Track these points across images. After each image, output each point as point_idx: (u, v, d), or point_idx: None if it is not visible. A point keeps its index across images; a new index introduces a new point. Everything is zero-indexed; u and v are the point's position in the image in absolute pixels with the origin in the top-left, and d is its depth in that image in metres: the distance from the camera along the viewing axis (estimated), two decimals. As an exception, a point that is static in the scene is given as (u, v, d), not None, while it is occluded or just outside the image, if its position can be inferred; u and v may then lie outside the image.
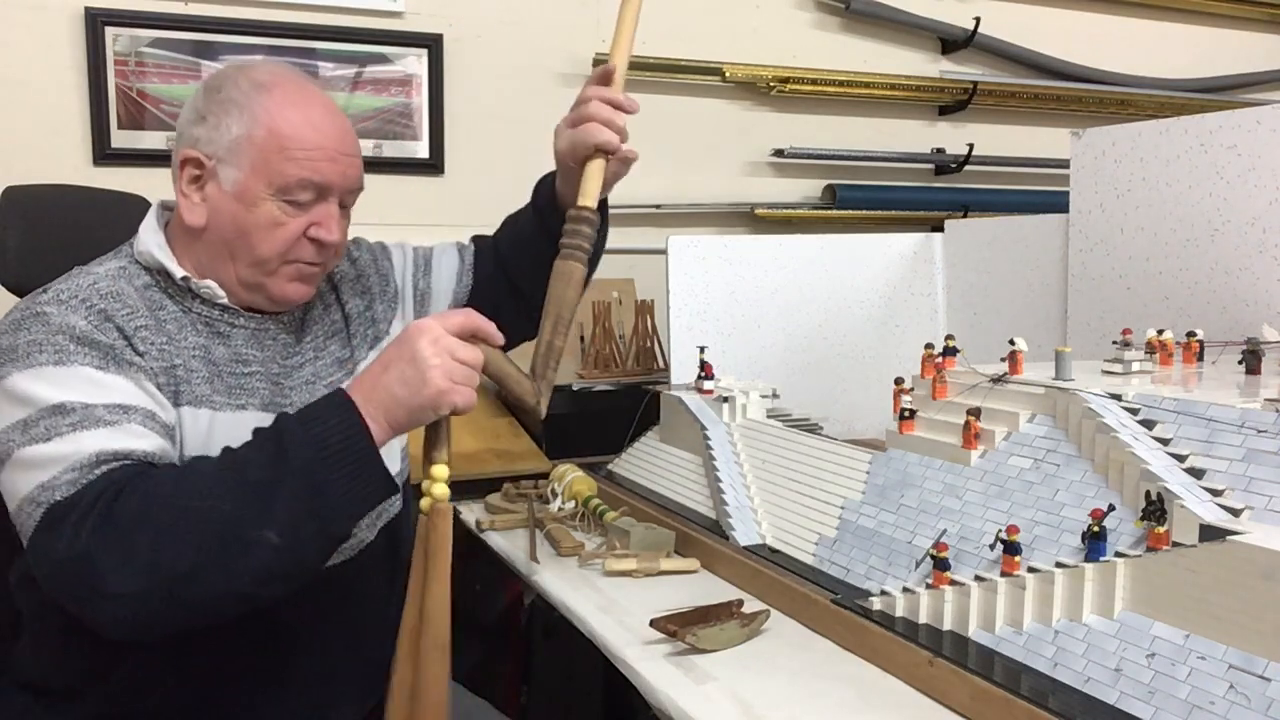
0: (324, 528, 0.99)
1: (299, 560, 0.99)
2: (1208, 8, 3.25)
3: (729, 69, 2.62)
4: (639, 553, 1.45)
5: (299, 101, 1.16)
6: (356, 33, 2.33)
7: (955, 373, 1.32)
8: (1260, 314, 1.51)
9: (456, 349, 1.01)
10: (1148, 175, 1.69)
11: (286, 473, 0.96)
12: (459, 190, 2.47)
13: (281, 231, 1.15)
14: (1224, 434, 1.00)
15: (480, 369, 1.03)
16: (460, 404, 1.01)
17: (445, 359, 1.00)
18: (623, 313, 2.28)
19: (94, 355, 1.06)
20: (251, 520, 0.95)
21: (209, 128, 1.15)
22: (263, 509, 0.95)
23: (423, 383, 0.99)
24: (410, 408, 1.00)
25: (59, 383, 1.03)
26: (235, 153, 1.14)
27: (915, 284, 2.16)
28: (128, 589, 0.93)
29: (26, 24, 2.10)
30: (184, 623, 1.00)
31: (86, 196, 1.60)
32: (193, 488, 0.97)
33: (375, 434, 1.00)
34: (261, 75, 1.17)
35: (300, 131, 1.14)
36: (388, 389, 1.00)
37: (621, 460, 1.88)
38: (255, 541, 0.95)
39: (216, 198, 1.16)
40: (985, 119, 3.01)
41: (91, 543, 0.94)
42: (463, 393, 1.01)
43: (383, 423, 1.00)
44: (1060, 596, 0.99)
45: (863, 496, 1.33)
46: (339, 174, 1.17)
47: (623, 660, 1.16)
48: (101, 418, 1.02)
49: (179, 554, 0.94)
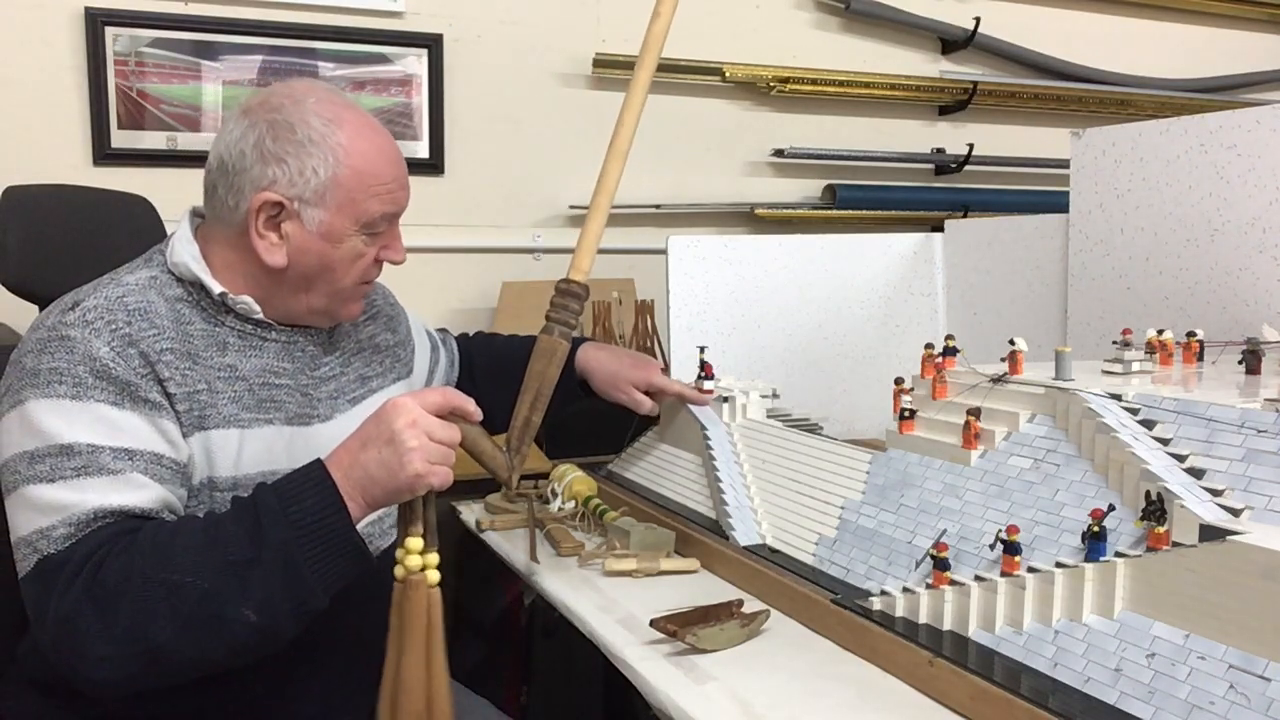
0: (300, 605, 1.00)
1: (275, 633, 1.01)
2: (1208, 8, 3.25)
3: (729, 69, 2.63)
4: (639, 553, 1.45)
5: (368, 134, 1.18)
6: (356, 33, 2.33)
7: (955, 373, 1.32)
8: (1260, 314, 1.51)
9: (435, 429, 1.02)
10: (1148, 175, 1.69)
11: (265, 553, 0.98)
12: (459, 190, 2.47)
13: (362, 262, 1.20)
14: (1224, 434, 1.00)
15: (455, 446, 1.05)
16: (437, 484, 1.02)
17: (423, 440, 1.01)
18: (623, 313, 2.28)
19: (111, 391, 1.06)
20: (230, 598, 0.97)
21: (293, 171, 1.14)
22: (241, 588, 0.97)
23: (400, 466, 1.00)
24: (387, 489, 1.02)
25: (71, 419, 1.04)
26: (322, 195, 1.15)
27: (915, 284, 2.16)
28: (107, 654, 0.96)
29: (26, 24, 2.10)
30: (160, 683, 1.02)
31: (86, 196, 1.60)
32: (175, 561, 0.99)
33: (353, 511, 1.01)
34: (327, 110, 1.16)
35: (378, 167, 1.17)
36: (365, 469, 1.01)
37: (621, 460, 1.88)
38: (234, 619, 0.97)
39: (299, 237, 1.15)
40: (985, 119, 3.01)
41: (75, 608, 0.97)
42: (439, 473, 1.02)
43: (360, 501, 1.02)
44: (1060, 596, 0.99)
45: (863, 496, 1.33)
46: (408, 198, 1.22)
47: (623, 660, 1.16)
48: (106, 465, 1.04)
49: (158, 626, 0.96)
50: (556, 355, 1.17)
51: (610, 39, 2.55)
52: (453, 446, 1.04)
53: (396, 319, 1.46)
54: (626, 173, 2.55)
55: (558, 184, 2.53)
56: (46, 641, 1.00)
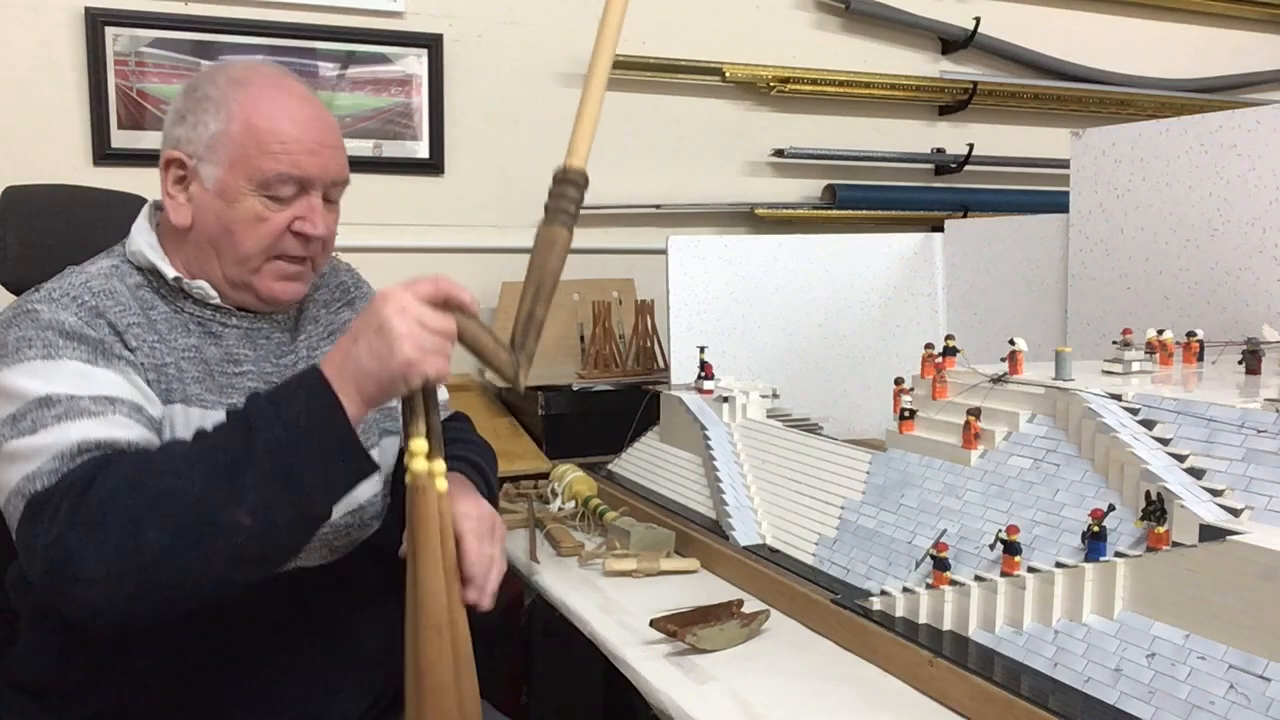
0: (300, 511, 0.96)
1: (275, 543, 0.97)
2: (1208, 8, 3.25)
3: (729, 69, 2.62)
4: (639, 553, 1.45)
5: (275, 95, 1.16)
6: (357, 33, 2.33)
7: (955, 373, 1.32)
8: (1260, 314, 1.51)
9: (426, 317, 0.97)
10: (1148, 175, 1.69)
11: (257, 454, 0.94)
12: (459, 190, 2.47)
13: (264, 227, 1.15)
14: (1224, 434, 1.00)
15: (453, 338, 0.99)
16: (432, 374, 0.97)
17: (413, 327, 0.96)
18: (623, 313, 2.28)
19: (83, 349, 1.07)
20: (222, 502, 0.93)
21: (188, 127, 1.16)
22: (233, 491, 0.93)
23: (390, 353, 0.95)
24: (380, 380, 0.96)
25: (46, 376, 1.04)
26: (214, 150, 1.14)
27: (915, 284, 2.16)
28: (100, 573, 0.92)
29: (26, 24, 2.10)
30: (162, 608, 0.98)
31: (86, 196, 1.60)
32: (164, 469, 0.96)
33: (349, 409, 0.96)
34: (238, 72, 1.18)
35: (277, 125, 1.14)
36: (357, 362, 0.96)
37: (621, 460, 1.88)
38: (227, 524, 0.93)
39: (200, 196, 1.16)
40: (985, 119, 3.01)
41: (65, 530, 0.93)
42: (434, 362, 0.97)
43: (356, 398, 0.97)
44: (1060, 596, 0.99)
45: (863, 496, 1.33)
46: (319, 166, 1.16)
47: (623, 660, 1.16)
48: (86, 408, 1.03)
49: (150, 536, 0.92)
50: (557, 245, 1.10)
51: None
52: (448, 337, 0.99)
53: None
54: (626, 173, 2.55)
55: (558, 184, 2.53)
56: (39, 574, 0.96)
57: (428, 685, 0.98)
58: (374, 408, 0.99)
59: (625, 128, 2.59)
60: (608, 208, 2.54)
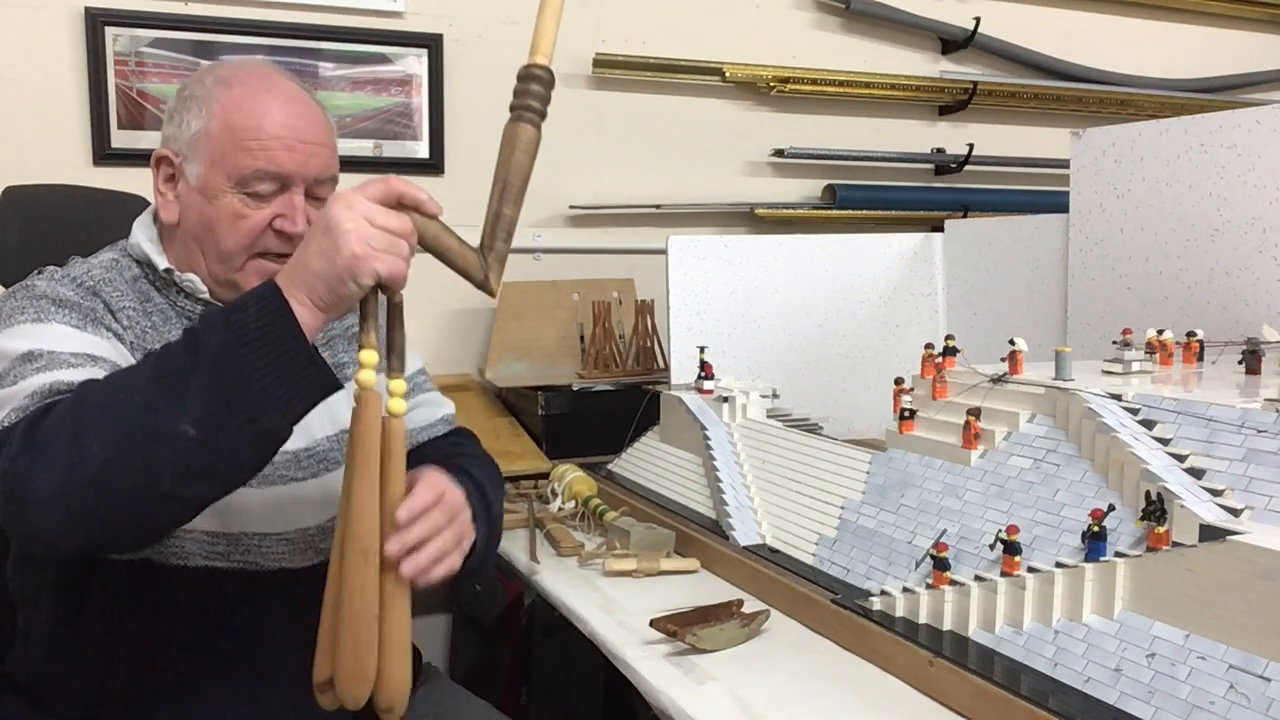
0: (250, 422, 0.91)
1: (224, 457, 0.92)
2: (1208, 8, 3.25)
3: (729, 69, 2.62)
4: (639, 553, 1.45)
5: (257, 93, 1.16)
6: (356, 33, 2.33)
7: (955, 373, 1.32)
8: (1260, 314, 1.51)
9: (375, 214, 0.93)
10: (1148, 175, 1.69)
11: (201, 362, 0.90)
12: (459, 190, 2.47)
13: (244, 224, 1.15)
14: (1224, 434, 1.00)
15: (408, 237, 0.95)
16: (383, 271, 0.92)
17: (360, 223, 0.92)
18: (623, 313, 2.28)
19: (73, 316, 1.09)
20: (165, 411, 0.89)
21: (175, 126, 1.18)
22: (176, 400, 0.89)
23: (336, 250, 0.91)
24: (328, 280, 0.92)
25: (33, 336, 1.06)
26: (196, 148, 1.16)
27: (915, 284, 2.16)
28: (49, 493, 0.89)
29: (26, 24, 2.10)
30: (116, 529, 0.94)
31: (86, 196, 1.60)
32: (110, 385, 0.94)
33: (302, 317, 0.92)
34: (225, 72, 1.19)
35: (254, 122, 1.15)
36: (306, 265, 0.93)
37: (621, 460, 1.88)
38: (171, 434, 0.89)
39: (185, 194, 1.18)
40: (985, 119, 3.00)
41: (18, 455, 0.92)
42: (385, 260, 0.92)
43: (308, 303, 0.93)
44: (1060, 596, 0.99)
45: (863, 496, 1.33)
46: (297, 163, 1.16)
47: (623, 660, 1.16)
48: (66, 361, 1.03)
49: (94, 450, 0.89)
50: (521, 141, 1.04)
51: (610, 39, 2.54)
52: (400, 235, 0.94)
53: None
54: (626, 173, 2.55)
55: (558, 184, 2.53)
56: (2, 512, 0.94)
57: (345, 613, 0.92)
58: (332, 315, 0.95)
59: (625, 128, 2.59)
60: (608, 208, 2.54)
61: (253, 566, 1.17)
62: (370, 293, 0.95)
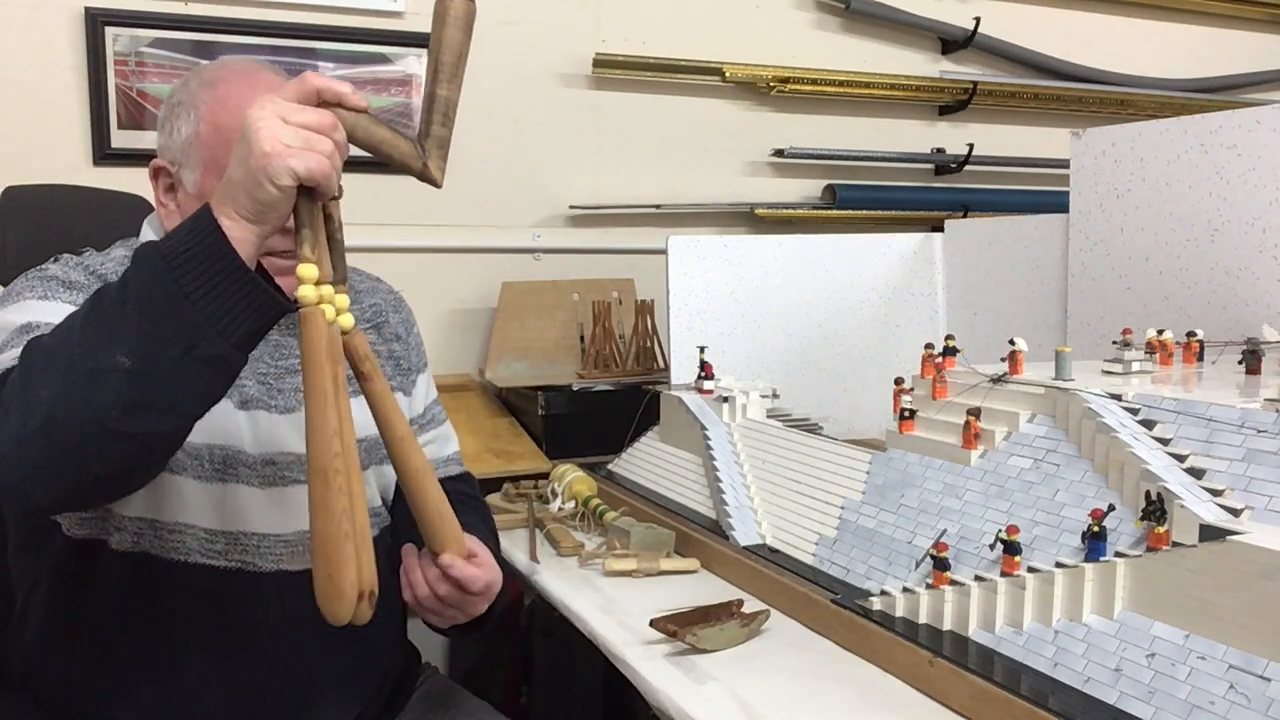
0: (189, 349, 0.87)
1: (167, 387, 0.88)
2: (1208, 8, 3.25)
3: (729, 69, 2.62)
4: (639, 553, 1.45)
5: (243, 91, 1.14)
6: (356, 33, 2.33)
7: (955, 373, 1.32)
8: (1260, 314, 1.51)
9: (289, 113, 0.88)
10: (1148, 175, 1.69)
11: (132, 293, 0.87)
12: (459, 190, 2.47)
13: None
14: (1224, 434, 1.00)
15: (329, 132, 0.89)
16: (300, 169, 0.86)
17: (271, 122, 0.87)
18: (623, 313, 2.28)
19: (79, 297, 1.09)
20: (101, 346, 0.86)
21: (167, 134, 1.17)
22: (111, 334, 0.87)
23: (249, 152, 0.86)
24: (246, 186, 0.87)
25: (35, 311, 1.06)
26: (189, 154, 1.15)
27: (915, 284, 2.16)
28: (6, 446, 0.88)
29: (26, 24, 2.10)
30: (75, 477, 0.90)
31: (86, 196, 1.60)
32: (55, 330, 0.91)
33: (231, 232, 0.87)
34: (209, 73, 1.18)
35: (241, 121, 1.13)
36: (228, 178, 0.88)
37: (621, 460, 1.88)
38: (108, 369, 0.86)
39: (185, 202, 1.17)
40: (985, 119, 3.01)
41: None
42: (301, 156, 0.87)
43: (234, 216, 0.88)
44: (1060, 596, 0.99)
45: (863, 496, 1.33)
46: None
47: (623, 660, 1.16)
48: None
49: (40, 396, 0.87)
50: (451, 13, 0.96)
51: (610, 39, 2.54)
52: (321, 131, 0.89)
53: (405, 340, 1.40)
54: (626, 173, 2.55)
55: (558, 184, 2.53)
56: None
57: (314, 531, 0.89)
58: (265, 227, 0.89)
59: (625, 128, 2.59)
60: (608, 208, 2.54)
61: (250, 567, 1.17)
62: (303, 199, 0.90)
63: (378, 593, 0.93)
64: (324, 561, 0.89)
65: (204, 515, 1.15)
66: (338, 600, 0.90)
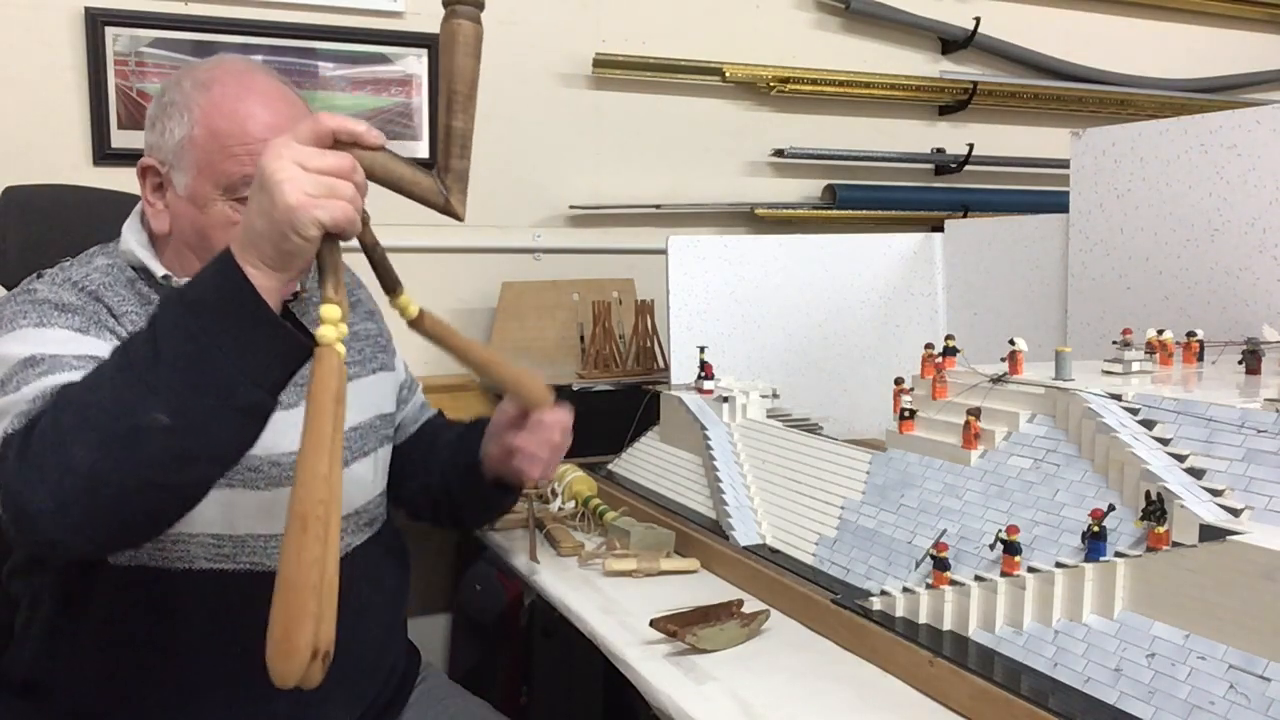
0: (225, 400, 0.87)
1: (207, 438, 0.89)
2: (1208, 8, 3.25)
3: (729, 69, 2.62)
4: (639, 553, 1.45)
5: (238, 94, 1.14)
6: (356, 33, 2.33)
7: (955, 373, 1.32)
8: (1260, 314, 1.51)
9: (308, 159, 0.87)
10: (1148, 175, 1.69)
11: (163, 346, 0.87)
12: (459, 190, 2.47)
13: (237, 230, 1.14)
14: (1224, 434, 1.00)
15: (349, 175, 0.89)
16: (326, 219, 0.86)
17: (293, 171, 0.86)
18: (623, 313, 2.28)
19: (76, 319, 1.08)
20: (137, 404, 0.86)
21: (158, 134, 1.15)
22: (146, 390, 0.86)
23: (272, 204, 0.85)
24: (272, 238, 0.86)
25: (35, 341, 1.04)
26: (181, 156, 1.14)
27: (915, 284, 2.16)
28: (48, 505, 0.87)
29: (26, 24, 2.10)
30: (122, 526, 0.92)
31: (86, 196, 1.60)
32: (83, 385, 0.91)
33: (258, 281, 0.87)
34: (203, 74, 1.16)
35: (238, 125, 1.12)
36: (250, 227, 0.88)
37: (621, 460, 1.88)
38: (147, 427, 0.86)
39: (175, 203, 1.16)
40: (985, 119, 3.01)
41: (14, 469, 0.90)
42: (326, 205, 0.86)
43: (259, 265, 0.87)
44: (1060, 596, 0.99)
45: (863, 496, 1.33)
46: None
47: (623, 660, 1.16)
48: (69, 364, 1.02)
49: (79, 456, 0.87)
50: (460, 40, 0.95)
51: (610, 39, 2.54)
52: (341, 175, 0.88)
53: (376, 313, 1.44)
54: (626, 173, 2.55)
55: (558, 184, 2.53)
56: (9, 525, 0.92)
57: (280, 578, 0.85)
58: (289, 274, 0.90)
59: (625, 128, 2.59)
60: (608, 208, 2.54)
61: (259, 567, 1.17)
62: (326, 243, 0.89)
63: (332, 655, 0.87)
64: (281, 612, 0.84)
65: (210, 523, 1.14)
66: (288, 658, 0.84)
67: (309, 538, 0.84)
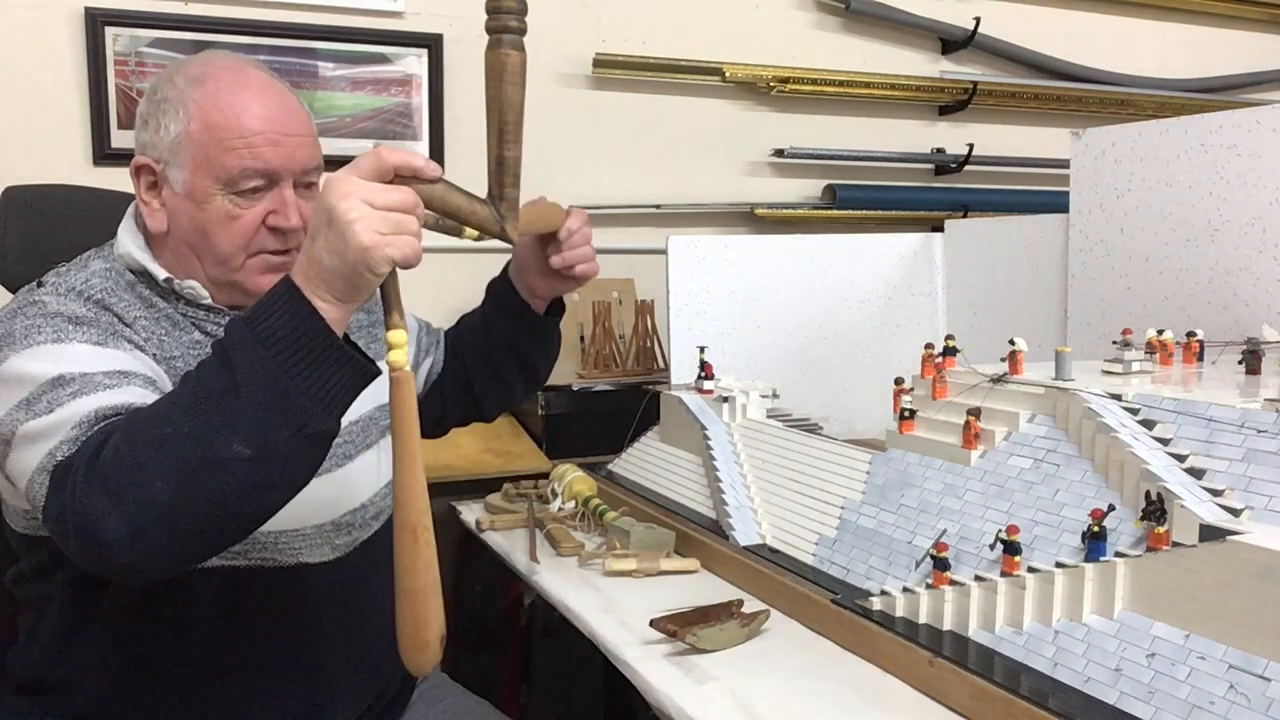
0: (299, 430, 0.91)
1: (281, 468, 0.93)
2: (1208, 8, 3.25)
3: (729, 69, 2.62)
4: (639, 553, 1.45)
5: (232, 89, 1.13)
6: (356, 33, 2.33)
7: (955, 373, 1.32)
8: (1260, 314, 1.51)
9: (375, 196, 0.89)
10: (1148, 175, 1.69)
11: (239, 378, 0.90)
12: (459, 190, 2.47)
13: (238, 225, 1.13)
14: (1224, 434, 1.00)
15: (413, 210, 0.92)
16: (398, 256, 0.90)
17: (363, 210, 0.89)
18: (623, 313, 2.28)
19: (93, 332, 1.07)
20: (215, 436, 0.89)
21: (151, 131, 1.14)
22: (224, 423, 0.89)
23: (345, 245, 0.88)
24: (344, 275, 0.90)
25: (57, 358, 1.03)
26: (177, 153, 1.13)
27: (915, 284, 2.16)
28: (124, 533, 0.89)
29: (26, 24, 2.10)
30: (199, 549, 0.95)
31: (86, 196, 1.60)
32: (157, 416, 0.93)
33: (326, 314, 0.91)
34: (195, 69, 1.15)
35: (235, 120, 1.12)
36: (319, 262, 0.90)
37: (621, 460, 1.88)
38: (227, 459, 0.89)
39: (171, 201, 1.15)
40: (985, 119, 3.01)
41: (83, 497, 0.91)
42: (397, 243, 0.89)
43: (329, 299, 0.91)
44: (1060, 596, 0.99)
45: (863, 496, 1.33)
46: (283, 157, 1.13)
47: (623, 660, 1.16)
48: (101, 383, 1.01)
49: (158, 486, 0.89)
50: (508, 70, 0.96)
51: (610, 39, 2.54)
52: (406, 211, 0.91)
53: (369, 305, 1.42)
54: (626, 173, 2.56)
55: (558, 184, 2.52)
56: (73, 549, 0.93)
57: (401, 588, 0.95)
58: (355, 305, 0.94)
59: (625, 128, 2.59)
60: (608, 208, 2.54)
61: (270, 563, 1.17)
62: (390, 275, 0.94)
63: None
64: (411, 617, 0.95)
65: None
66: (424, 652, 0.97)
67: (420, 545, 0.94)
